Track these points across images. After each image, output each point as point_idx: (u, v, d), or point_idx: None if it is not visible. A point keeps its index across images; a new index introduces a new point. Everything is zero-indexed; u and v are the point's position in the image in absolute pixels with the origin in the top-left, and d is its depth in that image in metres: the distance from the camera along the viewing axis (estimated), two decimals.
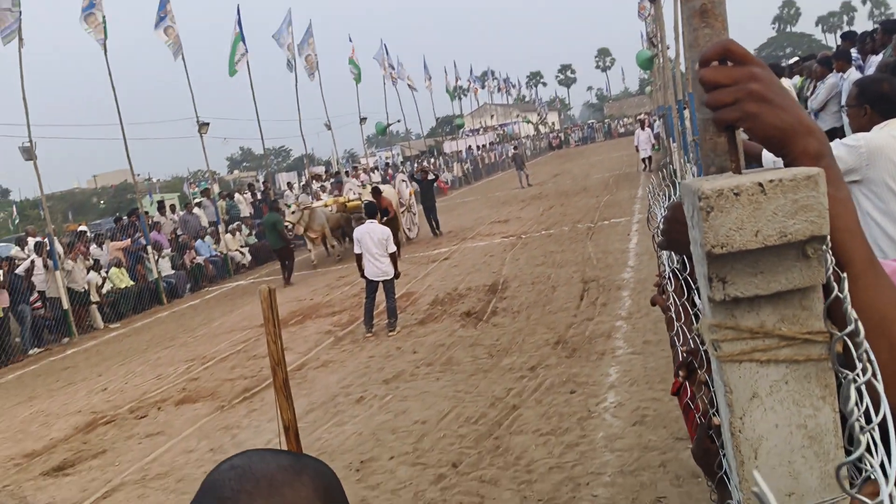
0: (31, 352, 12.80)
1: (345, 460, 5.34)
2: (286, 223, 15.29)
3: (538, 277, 10.47)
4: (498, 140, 55.93)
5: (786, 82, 10.30)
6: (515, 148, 37.57)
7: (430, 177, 19.35)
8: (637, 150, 25.47)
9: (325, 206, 16.98)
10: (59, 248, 13.74)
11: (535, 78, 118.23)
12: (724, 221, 0.81)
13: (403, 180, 18.82)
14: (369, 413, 6.29)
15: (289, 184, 27.11)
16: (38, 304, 13.66)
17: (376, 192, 15.09)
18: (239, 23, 20.58)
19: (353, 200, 16.86)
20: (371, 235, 9.01)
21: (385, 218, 13.39)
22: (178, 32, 18.64)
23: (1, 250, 17.34)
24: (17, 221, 45.14)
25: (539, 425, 5.31)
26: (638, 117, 41.41)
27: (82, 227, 20.35)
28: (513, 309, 8.98)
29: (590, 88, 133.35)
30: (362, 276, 9.18)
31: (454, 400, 6.20)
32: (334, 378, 7.55)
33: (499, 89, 65.65)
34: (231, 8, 20.92)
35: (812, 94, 9.60)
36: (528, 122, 71.80)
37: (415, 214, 18.44)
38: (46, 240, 13.71)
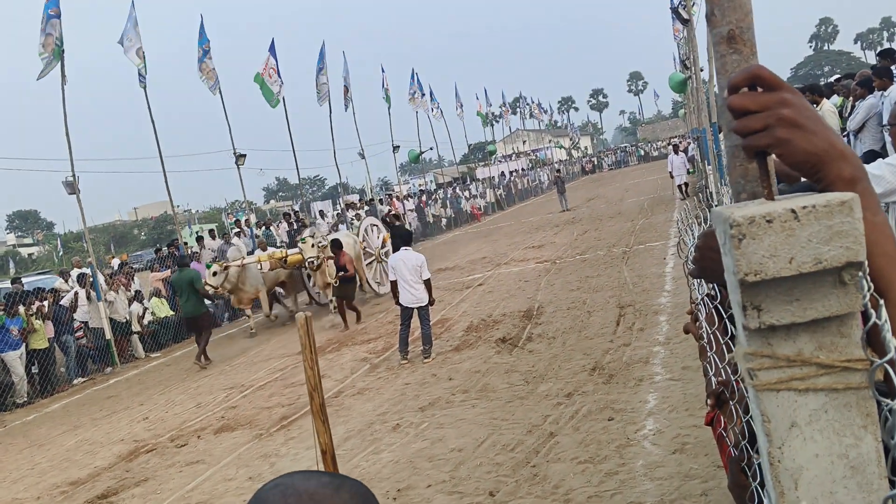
0: (75, 381, 13.07)
1: (382, 489, 5.32)
2: (207, 286, 12.81)
3: (574, 303, 10.39)
4: (530, 165, 55.99)
5: (826, 104, 10.04)
6: (558, 171, 37.30)
7: (403, 222, 16.75)
8: (671, 176, 23.85)
9: (258, 261, 14.00)
10: (101, 280, 14.05)
11: (566, 103, 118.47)
12: (757, 249, 0.80)
13: (374, 225, 16.36)
14: (405, 441, 6.27)
15: (321, 212, 27.34)
16: (81, 333, 13.98)
17: (336, 245, 12.78)
18: (274, 55, 20.98)
19: (293, 254, 14.14)
20: (405, 262, 9.06)
21: (342, 273, 12.32)
22: (215, 67, 19.15)
23: (45, 282, 17.75)
24: (60, 254, 46.40)
25: (577, 453, 5.23)
26: (671, 140, 40.95)
27: (115, 260, 20.81)
28: (548, 335, 8.91)
29: (622, 112, 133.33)
30: (397, 303, 9.22)
31: (490, 427, 6.15)
32: (370, 405, 7.55)
33: (531, 115, 65.89)
34: (263, 42, 21.38)
35: (851, 114, 9.32)
36: (561, 147, 71.78)
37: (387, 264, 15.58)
38: (89, 271, 14.03)
